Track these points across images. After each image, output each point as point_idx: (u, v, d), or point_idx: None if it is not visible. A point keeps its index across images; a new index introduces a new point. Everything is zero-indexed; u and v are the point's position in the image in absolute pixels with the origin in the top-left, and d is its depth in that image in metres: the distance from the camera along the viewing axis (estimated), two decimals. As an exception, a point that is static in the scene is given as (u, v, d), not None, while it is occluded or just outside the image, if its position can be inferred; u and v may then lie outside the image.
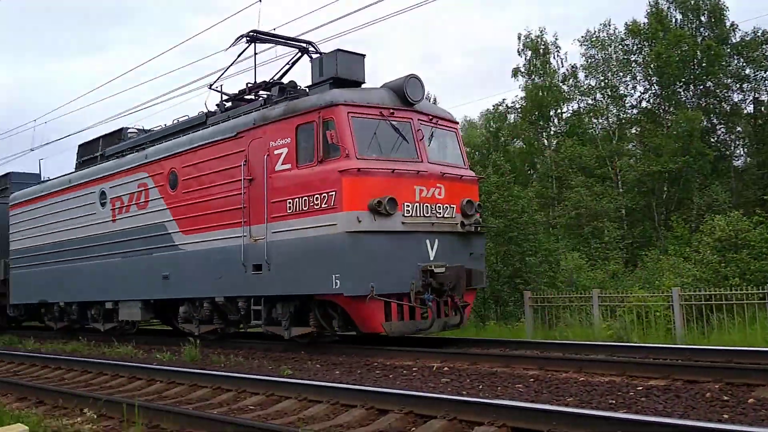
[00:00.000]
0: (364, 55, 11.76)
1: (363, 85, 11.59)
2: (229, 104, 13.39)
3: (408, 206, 10.35)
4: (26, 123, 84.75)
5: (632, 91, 36.40)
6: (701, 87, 35.32)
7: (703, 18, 36.30)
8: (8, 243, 18.61)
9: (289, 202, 10.62)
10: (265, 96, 12.75)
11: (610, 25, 36.47)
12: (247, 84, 13.31)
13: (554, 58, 39.90)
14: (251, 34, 13.01)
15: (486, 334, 14.10)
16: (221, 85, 13.76)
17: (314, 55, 12.69)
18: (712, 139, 35.24)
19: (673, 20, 36.90)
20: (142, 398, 8.07)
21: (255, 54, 12.99)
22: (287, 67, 12.94)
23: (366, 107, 10.55)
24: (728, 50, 34.81)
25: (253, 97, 13.03)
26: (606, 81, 36.28)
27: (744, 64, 34.81)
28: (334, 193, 10.02)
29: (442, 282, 10.49)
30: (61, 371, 11.47)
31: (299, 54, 13.18)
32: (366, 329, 10.35)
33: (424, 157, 10.84)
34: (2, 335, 17.37)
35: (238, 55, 13.40)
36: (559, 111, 40.33)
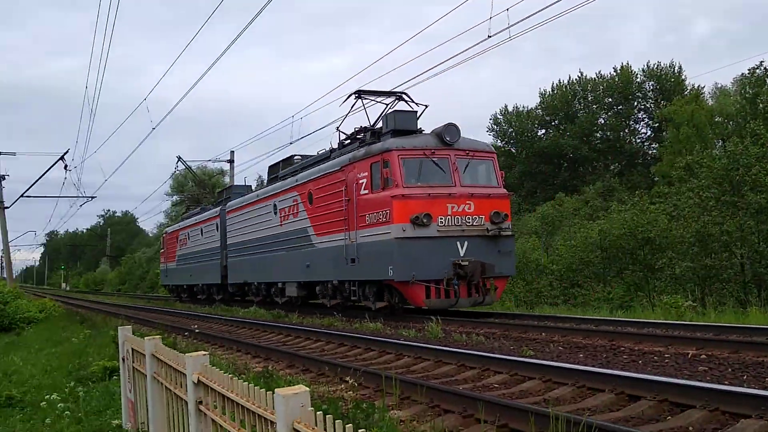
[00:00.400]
0: (415, 112, 16.41)
1: (417, 133, 15.73)
2: (347, 142, 17.88)
3: (442, 218, 14.09)
4: (285, 119, 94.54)
5: None
6: None
7: None
8: (227, 239, 25.09)
9: (368, 216, 14.84)
10: (361, 137, 17.07)
11: None
12: (354, 128, 17.87)
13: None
14: (356, 92, 17.52)
15: (747, 321, 13.00)
16: (337, 128, 18.84)
17: (406, 101, 17.37)
18: None
19: None
20: (391, 371, 8.42)
21: (363, 107, 17.61)
22: (387, 109, 17.58)
23: (412, 150, 14.47)
24: None
25: (360, 136, 17.36)
26: None
27: None
28: (388, 211, 14.09)
29: (467, 272, 14.02)
30: (321, 343, 12.55)
31: (395, 100, 17.61)
32: (413, 304, 14.38)
33: (458, 182, 14.56)
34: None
35: (351, 107, 17.99)
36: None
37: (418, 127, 15.95)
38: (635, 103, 50.07)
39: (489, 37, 15.42)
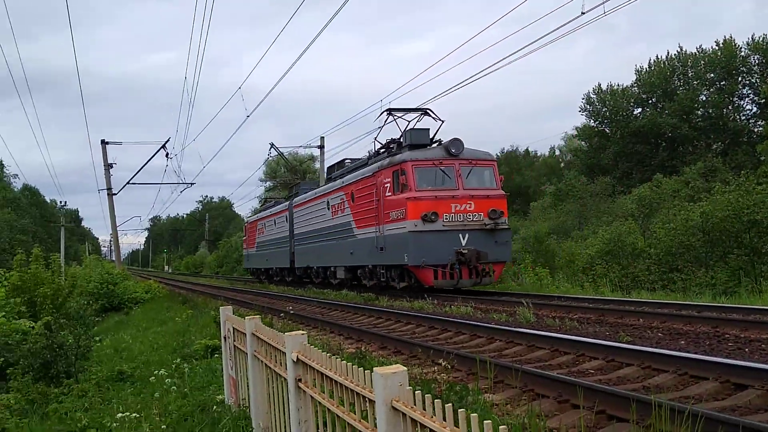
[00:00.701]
0: (427, 129, 19.66)
1: (429, 146, 19.14)
2: (382, 151, 21.16)
3: (447, 215, 17.14)
4: (374, 104, 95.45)
5: None
6: None
7: None
8: (294, 230, 29.38)
9: (391, 214, 18.08)
10: (390, 147, 20.43)
11: None
12: (386, 140, 21.21)
13: None
14: (387, 110, 20.89)
15: None
16: (375, 138, 22.75)
17: (431, 116, 20.95)
18: None
19: None
20: (484, 355, 8.34)
21: (395, 120, 21.06)
22: (414, 122, 21.08)
23: (424, 160, 17.57)
24: None
25: (391, 146, 20.66)
26: None
27: None
28: (404, 210, 17.30)
29: (466, 258, 17.01)
30: (411, 326, 12.69)
31: (421, 115, 20.98)
32: (425, 284, 17.38)
33: (461, 186, 17.61)
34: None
35: (384, 122, 21.35)
36: None
37: (437, 138, 19.68)
38: (739, 79, 47.39)
39: (582, 14, 15.12)
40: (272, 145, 38.79)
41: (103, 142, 43.33)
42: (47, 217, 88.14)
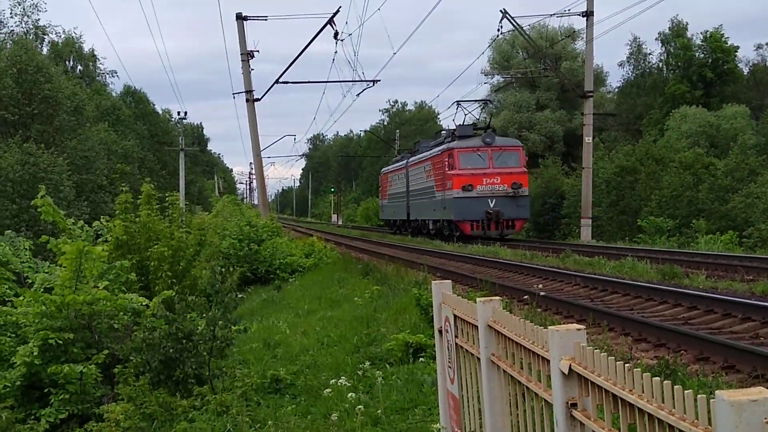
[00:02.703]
0: (472, 124, 44.68)
1: (472, 137, 42.71)
2: (449, 136, 44.28)
3: (480, 187, 39.71)
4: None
5: None
6: None
7: None
8: (409, 187, 48.39)
9: (446, 183, 40.62)
10: (453, 134, 42.94)
11: None
12: (454, 127, 45.83)
13: None
14: (456, 102, 47.37)
15: None
16: (446, 126, 53.13)
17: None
18: None
19: None
20: None
21: (464, 110, 48.67)
22: (478, 109, 50.65)
23: (465, 148, 40.73)
24: None
25: (453, 134, 44.04)
26: None
27: None
28: (451, 182, 40.13)
29: (492, 216, 39.28)
30: (754, 323, 12.00)
31: (483, 106, 55.27)
32: (465, 233, 39.01)
33: (491, 166, 39.90)
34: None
35: (456, 113, 60.30)
36: None
37: (487, 125, 43.88)
38: None
39: None
40: (505, 13, 37.12)
41: (240, 18, 41.36)
42: (158, 135, 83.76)
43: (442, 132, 48.30)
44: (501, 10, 39.04)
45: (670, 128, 53.11)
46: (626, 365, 3.07)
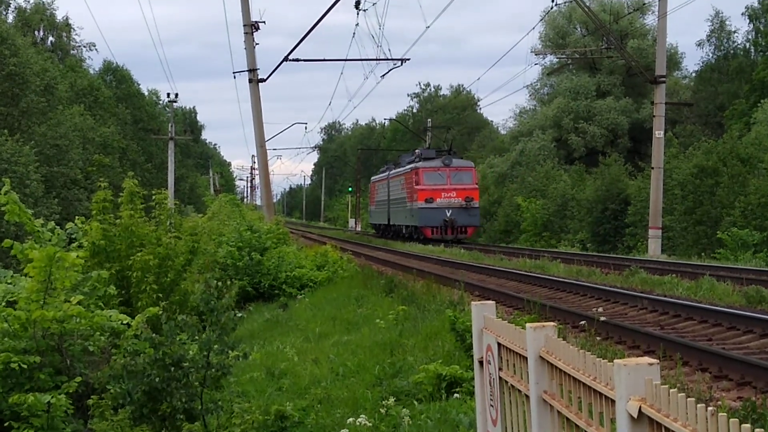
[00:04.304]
0: (434, 149, 73.39)
1: (434, 158, 68.06)
2: (417, 156, 67.99)
3: (439, 200, 65.87)
4: None
5: None
6: None
7: None
8: (390, 196, 68.94)
9: (414, 196, 65.75)
10: (418, 155, 68.05)
11: None
12: (422, 148, 75.30)
13: None
14: (423, 128, 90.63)
15: None
16: (419, 147, 77.28)
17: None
18: None
19: None
20: None
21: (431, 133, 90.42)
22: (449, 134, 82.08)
23: (428, 167, 68.01)
24: None
25: (419, 155, 69.17)
26: None
27: None
28: (416, 195, 66.20)
29: (448, 223, 64.38)
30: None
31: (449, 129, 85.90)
32: (427, 237, 61.78)
33: (449, 183, 66.46)
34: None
35: (427, 135, 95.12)
36: None
37: (447, 149, 69.17)
38: None
39: None
40: (560, -19, 40.70)
41: (243, -16, 35.56)
42: (143, 120, 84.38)
43: (416, 150, 73.05)
44: (557, -24, 38.44)
45: (759, 122, 52.12)
46: (709, 408, 3.04)
